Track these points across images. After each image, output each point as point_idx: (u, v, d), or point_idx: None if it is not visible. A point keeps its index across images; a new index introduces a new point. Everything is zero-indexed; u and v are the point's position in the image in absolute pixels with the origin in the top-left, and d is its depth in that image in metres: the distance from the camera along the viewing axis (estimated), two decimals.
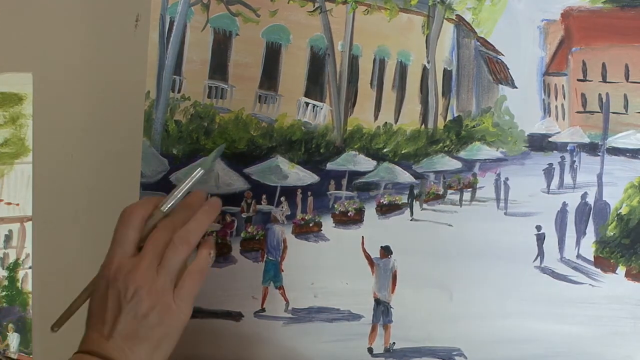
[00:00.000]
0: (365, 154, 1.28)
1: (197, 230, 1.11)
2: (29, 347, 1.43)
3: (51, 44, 1.41)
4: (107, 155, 1.40)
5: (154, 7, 1.28)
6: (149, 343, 1.08)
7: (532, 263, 1.24)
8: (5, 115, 1.42)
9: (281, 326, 1.27)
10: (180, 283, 1.10)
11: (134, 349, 1.08)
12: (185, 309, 1.10)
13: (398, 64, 1.29)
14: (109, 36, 1.40)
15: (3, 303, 1.43)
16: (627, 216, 1.23)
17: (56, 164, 1.42)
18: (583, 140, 1.25)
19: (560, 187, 1.25)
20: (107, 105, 1.40)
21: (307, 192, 1.28)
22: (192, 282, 1.10)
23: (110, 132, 1.40)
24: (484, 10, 1.26)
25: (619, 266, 1.23)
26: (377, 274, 1.26)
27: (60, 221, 1.42)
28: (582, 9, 1.24)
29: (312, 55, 1.29)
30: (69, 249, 1.42)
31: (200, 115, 1.28)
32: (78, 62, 1.41)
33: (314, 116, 1.28)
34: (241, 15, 1.28)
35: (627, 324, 1.21)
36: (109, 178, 1.39)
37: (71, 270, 1.40)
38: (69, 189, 1.42)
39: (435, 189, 1.27)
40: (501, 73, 1.26)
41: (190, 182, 1.14)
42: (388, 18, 1.28)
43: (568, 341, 1.21)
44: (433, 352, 1.24)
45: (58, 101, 1.41)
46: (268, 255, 1.28)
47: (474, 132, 1.26)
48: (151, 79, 1.28)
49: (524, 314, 1.23)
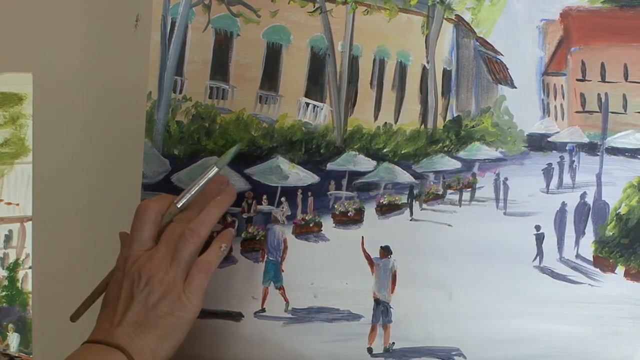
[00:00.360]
0: (365, 154, 1.28)
1: (207, 222, 1.14)
2: (29, 347, 1.43)
3: (51, 44, 1.41)
4: (108, 155, 1.40)
5: (155, 8, 1.28)
6: (157, 332, 1.09)
7: (532, 263, 1.24)
8: (5, 115, 1.42)
9: (281, 326, 1.26)
10: (189, 276, 1.12)
11: (141, 336, 1.09)
12: (195, 301, 1.12)
13: (398, 64, 1.29)
14: (109, 36, 1.40)
15: (3, 303, 1.43)
16: (626, 216, 1.23)
17: (56, 164, 1.42)
18: (582, 140, 1.25)
19: (559, 187, 1.25)
20: (107, 105, 1.40)
21: (308, 193, 1.28)
22: (200, 274, 1.13)
23: (111, 133, 1.40)
24: (483, 10, 1.26)
25: (618, 266, 1.23)
26: (376, 274, 1.26)
27: (60, 221, 1.42)
28: (581, 9, 1.24)
29: (313, 56, 1.29)
30: (69, 249, 1.41)
31: (201, 116, 1.28)
32: (78, 62, 1.41)
33: (314, 116, 1.28)
34: (242, 15, 1.28)
35: (626, 323, 1.21)
36: (110, 178, 1.39)
37: (71, 270, 1.40)
38: (69, 189, 1.42)
39: (435, 189, 1.27)
40: (500, 73, 1.27)
41: (204, 179, 1.17)
42: (388, 18, 1.28)
43: (567, 341, 1.21)
44: (432, 352, 1.24)
45: (58, 101, 1.41)
46: (268, 256, 1.28)
47: (473, 132, 1.27)
48: (153, 79, 1.28)
49: (523, 313, 1.23)
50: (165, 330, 1.10)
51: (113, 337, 1.08)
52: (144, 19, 1.35)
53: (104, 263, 1.19)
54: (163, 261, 1.11)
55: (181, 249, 1.12)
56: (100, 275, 1.18)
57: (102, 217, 1.38)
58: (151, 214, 1.14)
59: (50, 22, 1.41)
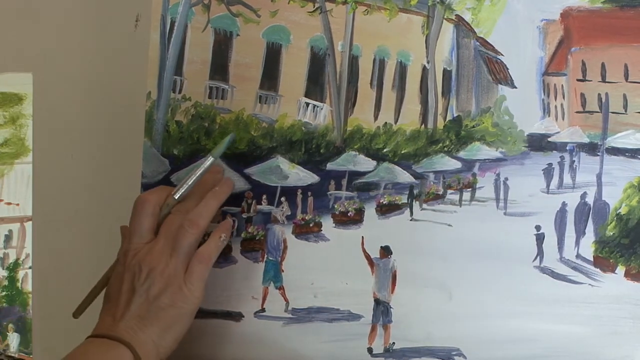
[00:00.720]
0: (365, 154, 1.28)
1: (205, 213, 1.14)
2: (29, 347, 1.43)
3: (51, 44, 1.41)
4: (107, 155, 1.40)
5: (154, 7, 1.28)
6: (160, 324, 1.10)
7: (532, 263, 1.23)
8: (5, 115, 1.42)
9: (281, 326, 1.26)
10: (189, 267, 1.12)
11: (144, 329, 1.09)
12: (197, 292, 1.12)
13: (398, 64, 1.29)
14: (109, 36, 1.40)
15: (3, 303, 1.43)
16: (627, 216, 1.23)
17: (56, 164, 1.42)
18: (582, 140, 1.25)
19: (559, 187, 1.25)
20: (107, 105, 1.40)
21: (307, 192, 1.28)
22: (200, 265, 1.13)
23: (111, 133, 1.40)
24: (484, 10, 1.26)
25: (619, 266, 1.23)
26: (376, 274, 1.26)
27: (60, 221, 1.42)
28: (581, 9, 1.24)
29: (313, 56, 1.29)
30: (69, 249, 1.41)
31: (201, 116, 1.28)
32: (78, 62, 1.41)
33: (314, 116, 1.28)
34: (242, 15, 1.28)
35: (626, 323, 1.21)
36: (110, 178, 1.39)
37: (71, 270, 1.40)
38: (69, 189, 1.42)
39: (435, 189, 1.27)
40: (501, 73, 1.27)
41: (201, 170, 1.17)
42: (388, 18, 1.28)
43: (567, 341, 1.21)
44: (432, 352, 1.24)
45: (58, 101, 1.42)
46: (268, 256, 1.28)
47: (473, 132, 1.27)
48: (152, 79, 1.28)
49: (524, 313, 1.23)
50: (167, 323, 1.10)
51: (116, 331, 1.08)
52: (144, 18, 1.35)
53: (104, 263, 1.19)
54: (163, 253, 1.12)
55: (180, 240, 1.12)
56: (100, 274, 1.18)
57: (102, 216, 1.38)
58: (149, 206, 1.15)
59: (50, 22, 1.41)
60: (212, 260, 1.15)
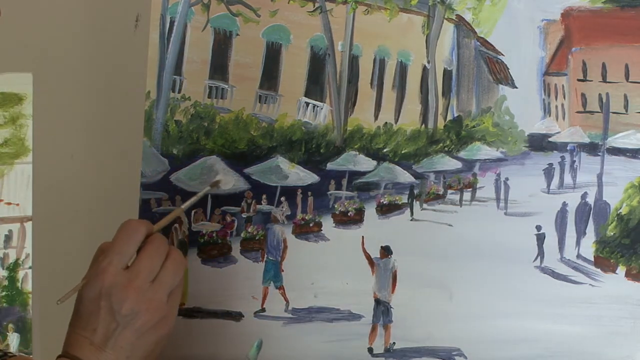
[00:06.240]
0: (366, 154, 1.28)
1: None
2: (29, 347, 1.44)
3: (51, 44, 1.41)
4: (107, 155, 1.40)
5: (154, 7, 1.28)
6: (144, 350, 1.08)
7: (532, 263, 1.24)
8: (5, 115, 1.42)
9: (281, 326, 1.26)
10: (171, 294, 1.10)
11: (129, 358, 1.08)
12: (175, 313, 1.10)
13: (398, 64, 1.29)
14: (109, 36, 1.40)
15: (3, 303, 1.43)
16: (627, 216, 1.23)
17: (56, 164, 1.42)
18: (583, 140, 1.25)
19: (560, 187, 1.25)
20: (107, 105, 1.40)
21: (307, 192, 1.28)
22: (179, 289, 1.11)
23: (111, 132, 1.40)
24: (484, 10, 1.26)
25: (619, 266, 1.23)
26: (377, 274, 1.26)
27: (60, 221, 1.42)
28: (582, 9, 1.24)
29: (313, 55, 1.29)
30: (69, 249, 1.42)
31: (200, 115, 1.28)
32: (78, 62, 1.41)
33: (314, 116, 1.28)
34: (241, 15, 1.28)
35: (627, 323, 1.21)
36: (109, 178, 1.40)
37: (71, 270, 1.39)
38: (69, 189, 1.42)
39: (436, 189, 1.27)
40: (501, 73, 1.27)
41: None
42: (388, 18, 1.28)
43: (568, 341, 1.21)
44: (433, 352, 1.24)
45: (58, 101, 1.42)
46: (268, 255, 1.28)
47: (474, 132, 1.26)
48: (151, 79, 1.28)
49: (524, 314, 1.23)
50: (151, 348, 1.09)
51: None
52: (143, 18, 1.35)
53: None
54: (144, 286, 1.08)
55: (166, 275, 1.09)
56: None
57: (102, 216, 1.38)
58: (140, 235, 1.10)
59: (50, 22, 1.41)
60: None
